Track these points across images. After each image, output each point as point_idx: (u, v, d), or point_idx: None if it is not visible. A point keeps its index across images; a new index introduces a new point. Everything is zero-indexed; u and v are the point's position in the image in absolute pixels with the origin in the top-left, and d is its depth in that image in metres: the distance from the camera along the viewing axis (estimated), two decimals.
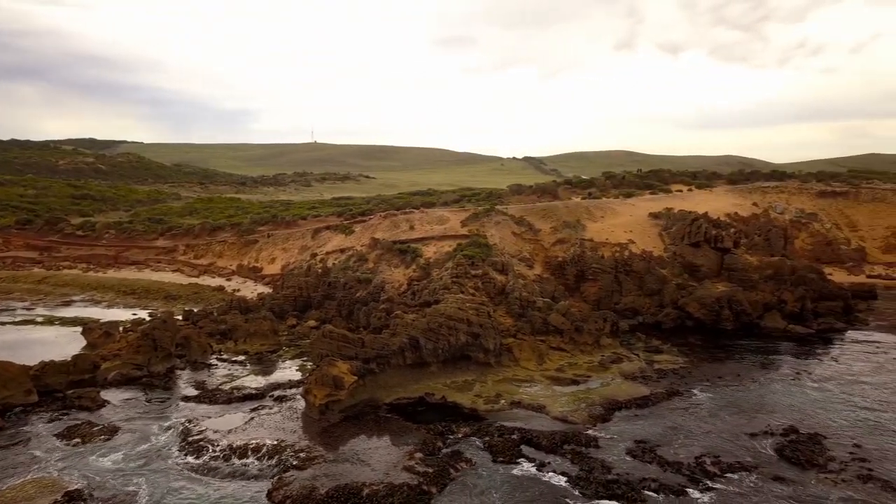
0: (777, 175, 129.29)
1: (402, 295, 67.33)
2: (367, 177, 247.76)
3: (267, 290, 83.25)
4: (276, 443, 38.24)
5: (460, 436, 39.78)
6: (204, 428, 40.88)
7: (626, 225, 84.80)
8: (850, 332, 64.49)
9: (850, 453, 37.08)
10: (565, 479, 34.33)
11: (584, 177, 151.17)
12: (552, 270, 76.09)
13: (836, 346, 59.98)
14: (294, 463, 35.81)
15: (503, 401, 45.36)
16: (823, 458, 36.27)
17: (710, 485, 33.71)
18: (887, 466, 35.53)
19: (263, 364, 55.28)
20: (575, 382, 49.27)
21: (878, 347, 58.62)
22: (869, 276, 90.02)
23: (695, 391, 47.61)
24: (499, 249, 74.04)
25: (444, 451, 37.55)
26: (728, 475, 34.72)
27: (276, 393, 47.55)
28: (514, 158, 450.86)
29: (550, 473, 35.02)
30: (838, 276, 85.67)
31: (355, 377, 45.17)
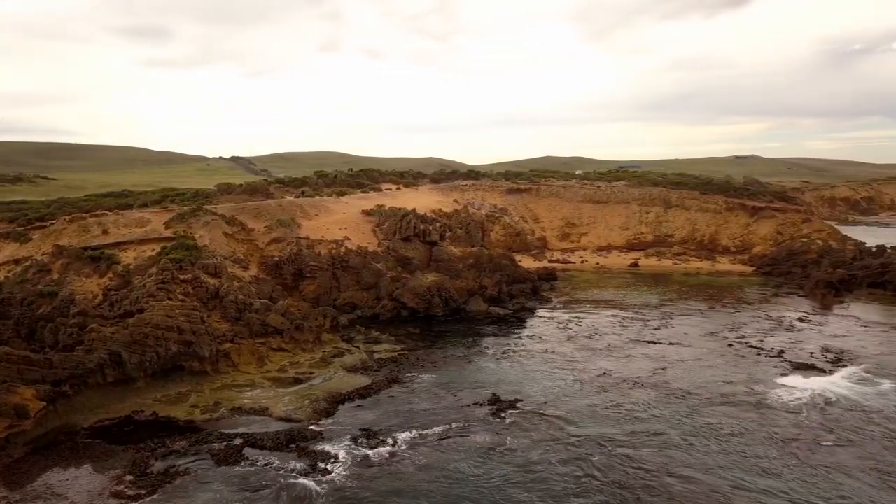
0: (473, 174, 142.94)
1: (97, 307, 59.83)
2: (46, 178, 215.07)
3: None
4: None
5: (176, 450, 36.74)
6: None
7: (341, 222, 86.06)
8: (538, 309, 73.43)
9: (537, 407, 43.48)
10: (291, 473, 33.79)
11: (296, 176, 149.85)
12: (269, 270, 74.10)
13: (529, 323, 67.79)
14: None
15: (223, 408, 43.01)
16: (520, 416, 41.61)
17: (410, 440, 38.45)
18: (563, 410, 43.07)
19: None
20: (298, 381, 48.67)
21: (559, 322, 67.61)
22: (550, 261, 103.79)
23: (413, 375, 50.17)
24: (210, 251, 69.85)
25: (159, 468, 34.36)
26: (437, 432, 39.66)
27: None
28: (220, 158, 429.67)
29: (276, 471, 34.11)
30: (526, 262, 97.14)
31: (43, 403, 39.22)
